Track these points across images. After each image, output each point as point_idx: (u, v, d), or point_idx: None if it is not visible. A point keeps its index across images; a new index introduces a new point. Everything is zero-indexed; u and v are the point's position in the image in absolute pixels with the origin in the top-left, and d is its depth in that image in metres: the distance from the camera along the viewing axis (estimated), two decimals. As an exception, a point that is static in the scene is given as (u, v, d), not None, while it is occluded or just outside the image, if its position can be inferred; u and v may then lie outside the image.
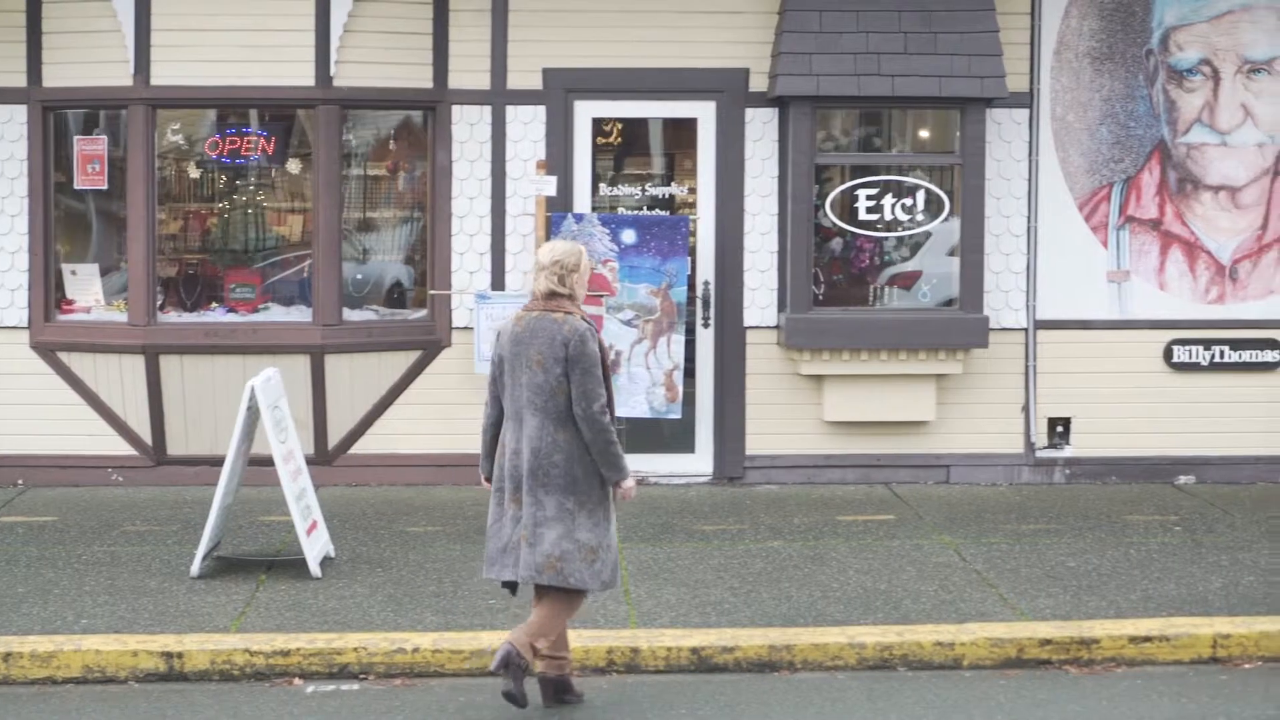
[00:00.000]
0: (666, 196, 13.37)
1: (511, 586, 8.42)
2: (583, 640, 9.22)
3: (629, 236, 12.99)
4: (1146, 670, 9.23)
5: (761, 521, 12.01)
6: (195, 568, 10.57)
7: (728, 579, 10.46)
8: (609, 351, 8.37)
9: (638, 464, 13.17)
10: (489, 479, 8.42)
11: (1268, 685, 8.96)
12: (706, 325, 13.30)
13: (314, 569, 10.55)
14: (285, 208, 13.47)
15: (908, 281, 13.18)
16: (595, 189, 13.33)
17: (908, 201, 13.03)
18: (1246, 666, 9.26)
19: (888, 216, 13.04)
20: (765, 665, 9.21)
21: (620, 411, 13.01)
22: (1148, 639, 9.37)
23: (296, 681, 9.04)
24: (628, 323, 12.99)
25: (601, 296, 12.99)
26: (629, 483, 8.17)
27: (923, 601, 9.98)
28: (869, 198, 13.04)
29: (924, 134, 13.44)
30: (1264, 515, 12.25)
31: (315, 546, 10.70)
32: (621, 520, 11.80)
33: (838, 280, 13.31)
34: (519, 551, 8.15)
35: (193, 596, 10.12)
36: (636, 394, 13.01)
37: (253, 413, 10.59)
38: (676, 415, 13.08)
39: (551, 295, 8.13)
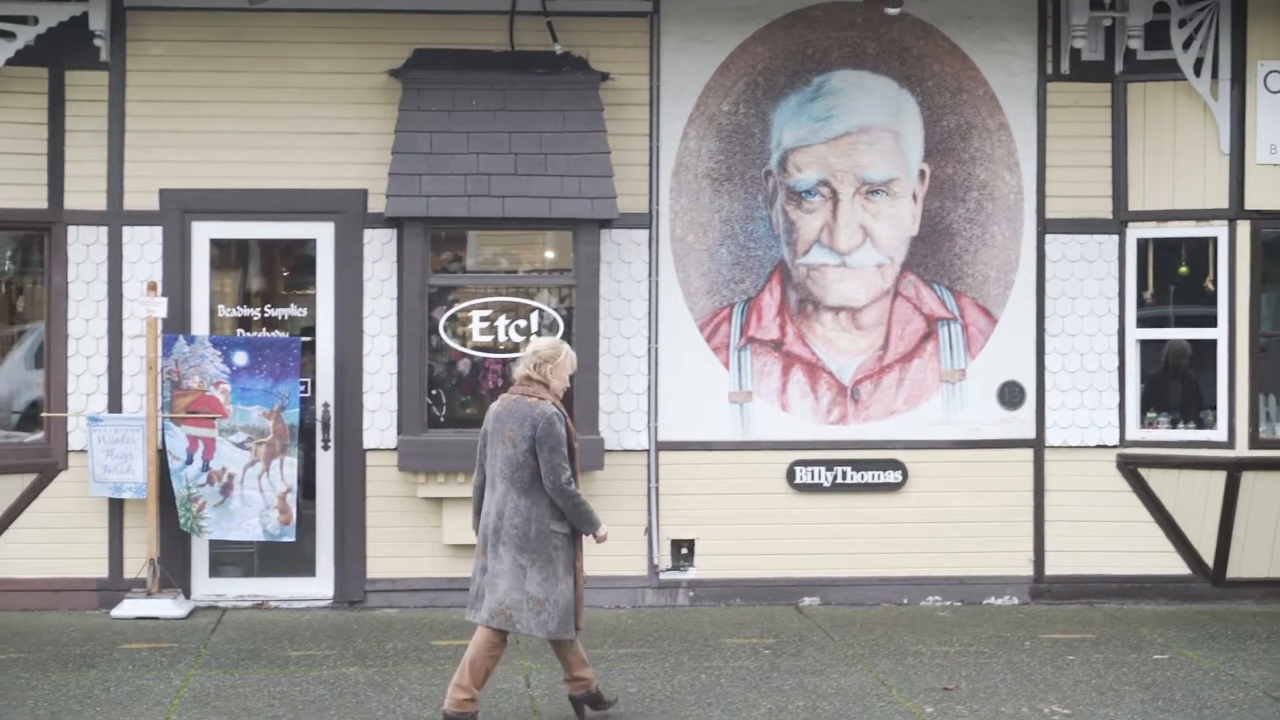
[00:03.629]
0: (287, 317, 13.76)
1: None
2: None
3: (241, 358, 13.36)
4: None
5: (355, 647, 12.33)
6: None
7: (277, 708, 10.75)
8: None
9: (258, 588, 13.55)
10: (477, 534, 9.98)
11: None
12: (327, 447, 13.68)
13: None
14: (-95, 329, 13.76)
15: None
16: (214, 310, 13.69)
17: (522, 323, 13.49)
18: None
19: (502, 338, 13.49)
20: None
21: (233, 535, 13.38)
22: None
23: None
24: (240, 445, 13.34)
25: (214, 419, 13.34)
26: (602, 531, 9.84)
27: (455, 729, 10.30)
28: (483, 319, 13.50)
29: (550, 254, 13.92)
30: (866, 638, 12.71)
31: None
32: (221, 648, 12.17)
33: (466, 401, 13.72)
34: (484, 598, 9.70)
35: None
36: (250, 517, 13.34)
37: None
38: (290, 538, 13.41)
39: (527, 380, 9.77)
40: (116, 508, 13.55)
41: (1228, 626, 13.18)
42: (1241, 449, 13.70)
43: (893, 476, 13.89)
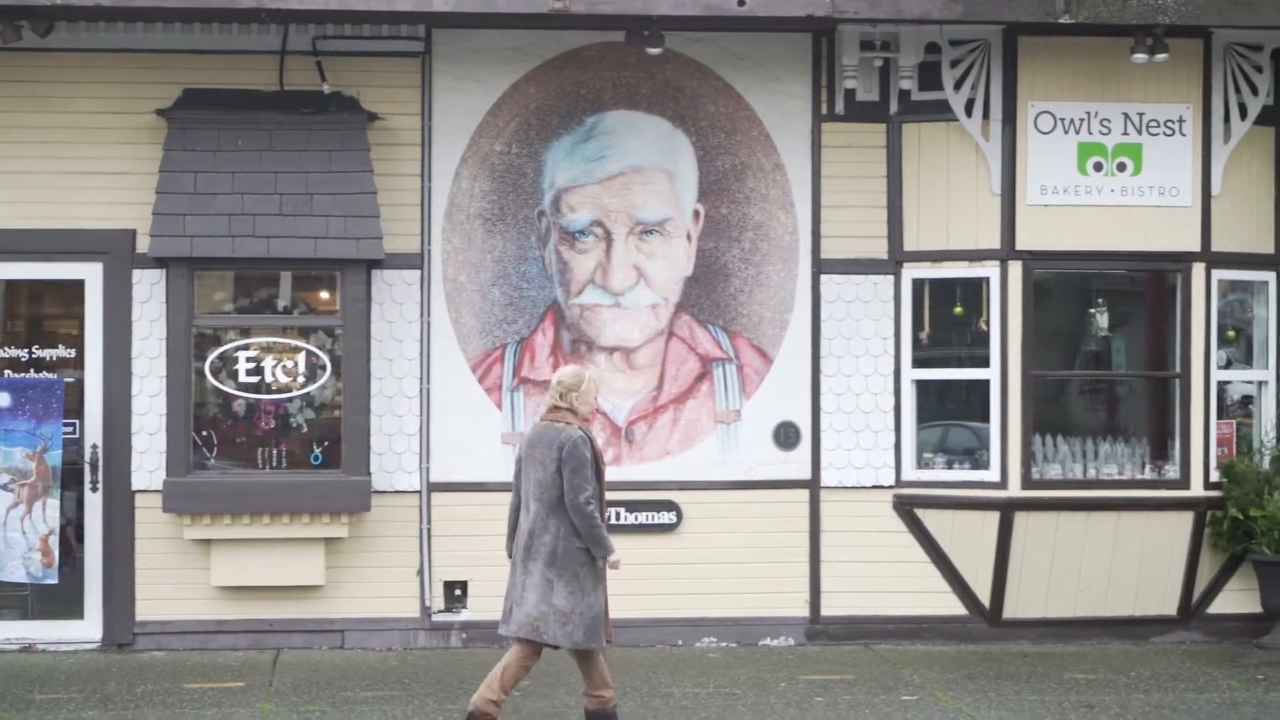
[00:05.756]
0: (55, 358, 13.83)
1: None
2: None
3: (3, 399, 13.42)
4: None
5: (105, 690, 12.38)
6: None
7: (-5, 752, 10.84)
8: None
9: (28, 631, 13.61)
10: (511, 555, 10.68)
11: None
12: (95, 489, 13.76)
13: None
14: None
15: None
16: (-20, 351, 13.79)
17: (289, 363, 13.63)
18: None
19: (269, 378, 13.62)
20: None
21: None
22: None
23: None
24: (3, 487, 13.41)
25: (-24, 460, 13.42)
26: (613, 557, 10.44)
27: (165, 773, 10.41)
28: (250, 359, 13.63)
29: (324, 294, 14.04)
30: (624, 680, 12.62)
31: None
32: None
33: (240, 443, 13.82)
34: (514, 612, 10.41)
35: None
36: (13, 559, 13.40)
37: None
38: (53, 580, 13.47)
39: (554, 408, 10.53)
40: (-116, 550, 13.59)
41: (993, 667, 13.35)
42: (1014, 489, 13.89)
43: (667, 518, 14.03)
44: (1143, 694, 12.45)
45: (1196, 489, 14.07)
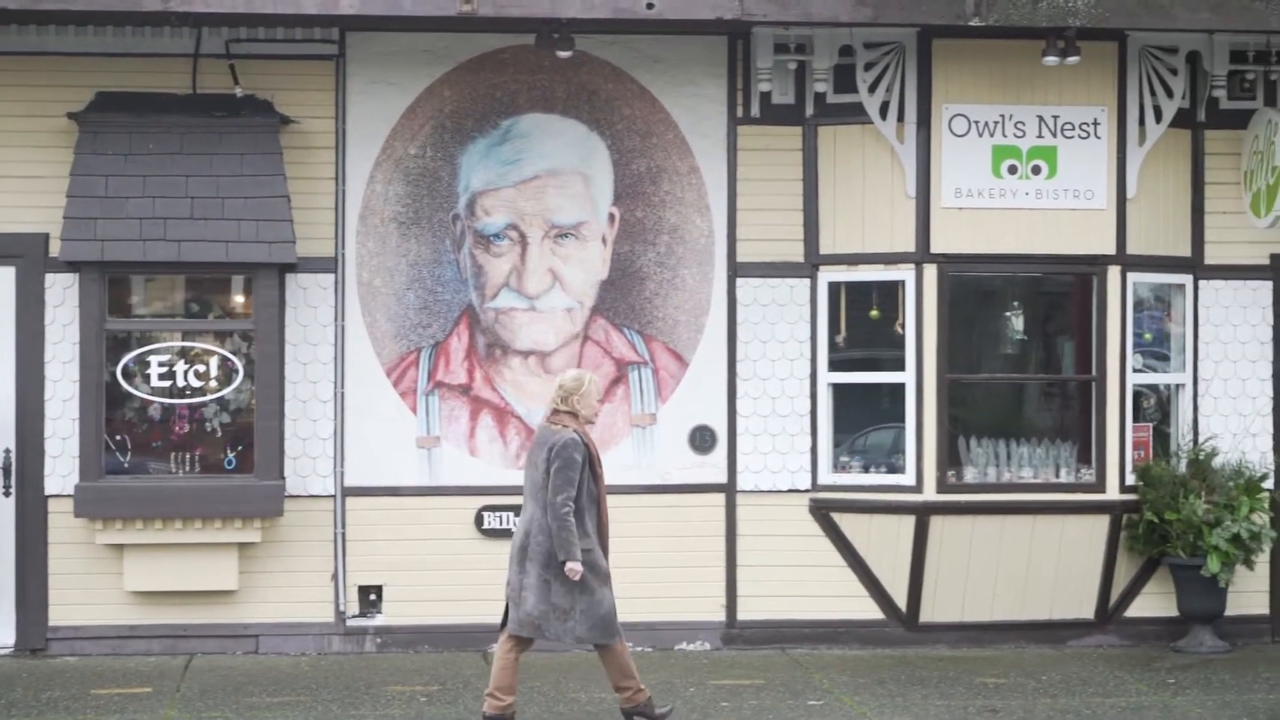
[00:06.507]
0: (-33, 363, 13.84)
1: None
2: None
3: (-86, 404, 13.43)
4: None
5: (10, 697, 12.33)
6: None
7: (-112, 759, 10.81)
8: None
9: (-60, 637, 13.54)
10: None
11: None
12: (9, 494, 13.74)
13: None
14: None
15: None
16: (-104, 356, 13.76)
17: (201, 367, 13.61)
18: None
19: (181, 382, 13.61)
20: None
21: (-93, 583, 13.40)
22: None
23: None
24: (-86, 492, 13.41)
25: (-113, 465, 13.40)
26: (572, 565, 10.59)
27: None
28: (162, 364, 13.61)
29: (239, 298, 14.01)
30: (533, 685, 12.80)
31: None
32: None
33: (155, 447, 13.81)
34: (511, 610, 10.72)
35: None
36: (-76, 565, 13.40)
37: None
38: (-36, 587, 13.48)
39: (555, 411, 10.84)
40: None
41: (905, 671, 13.37)
42: (929, 493, 13.90)
43: (582, 521, 13.99)
44: (1050, 698, 12.47)
45: (1112, 492, 14.08)
